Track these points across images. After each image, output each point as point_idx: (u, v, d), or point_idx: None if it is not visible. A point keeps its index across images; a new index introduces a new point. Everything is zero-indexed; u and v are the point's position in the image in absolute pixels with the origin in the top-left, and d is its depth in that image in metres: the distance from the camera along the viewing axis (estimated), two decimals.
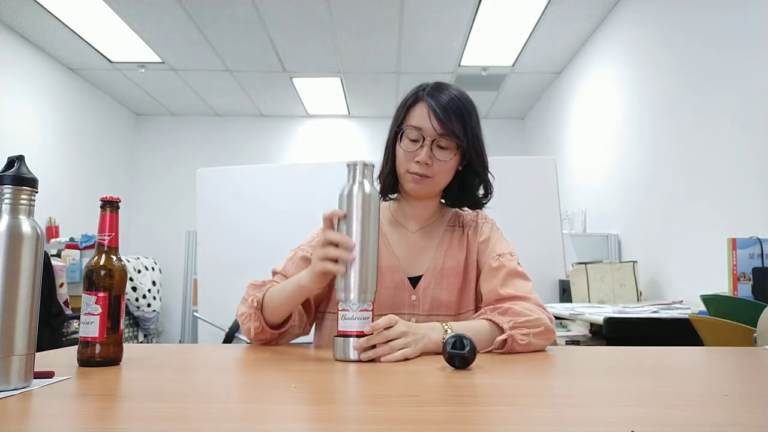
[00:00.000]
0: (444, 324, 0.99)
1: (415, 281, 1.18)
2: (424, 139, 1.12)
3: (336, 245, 0.93)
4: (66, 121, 4.96)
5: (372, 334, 0.90)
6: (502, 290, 1.11)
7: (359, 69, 4.86)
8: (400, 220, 1.25)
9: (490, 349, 0.99)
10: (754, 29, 2.26)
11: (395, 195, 1.25)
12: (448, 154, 1.13)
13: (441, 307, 1.16)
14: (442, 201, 1.27)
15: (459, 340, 0.82)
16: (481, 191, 1.23)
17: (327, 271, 0.94)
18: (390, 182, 1.21)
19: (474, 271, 1.20)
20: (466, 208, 1.27)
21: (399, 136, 1.16)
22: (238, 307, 1.11)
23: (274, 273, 1.19)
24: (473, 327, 1.01)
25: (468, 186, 1.21)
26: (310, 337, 1.24)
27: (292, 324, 1.10)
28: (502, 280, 1.12)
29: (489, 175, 1.21)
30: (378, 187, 0.96)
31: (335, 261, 0.93)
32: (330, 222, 0.95)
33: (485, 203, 1.24)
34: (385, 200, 1.27)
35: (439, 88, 1.15)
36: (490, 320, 1.03)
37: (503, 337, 0.98)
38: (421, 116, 1.13)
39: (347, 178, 0.95)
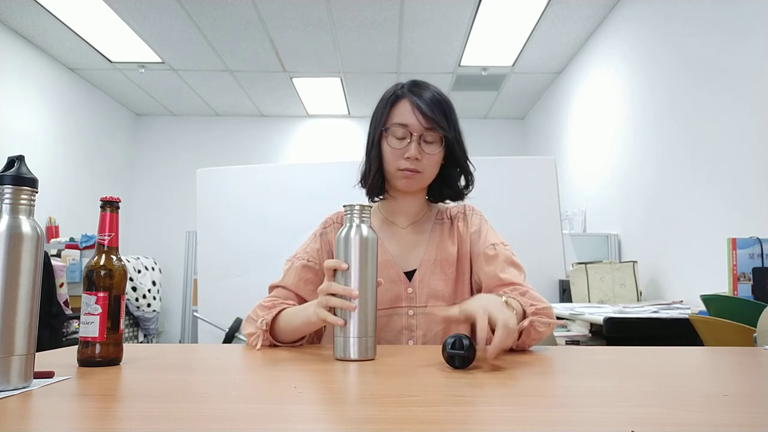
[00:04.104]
0: (503, 295, 0.97)
1: (410, 275, 1.19)
2: (411, 135, 1.13)
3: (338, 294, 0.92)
4: (66, 121, 4.96)
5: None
6: (503, 275, 1.12)
7: (359, 69, 4.86)
8: (390, 218, 1.26)
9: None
10: (755, 31, 2.26)
11: (382, 196, 1.26)
12: (435, 148, 1.15)
13: (437, 298, 1.17)
14: (428, 198, 1.28)
15: (458, 341, 0.82)
16: (462, 182, 1.25)
17: (327, 321, 0.93)
18: (377, 183, 1.21)
19: (467, 261, 1.21)
20: (448, 202, 1.28)
21: (385, 135, 1.17)
22: (244, 326, 1.12)
23: (273, 287, 1.18)
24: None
25: (450, 178, 1.23)
26: None
27: (302, 341, 1.10)
28: (501, 266, 1.14)
29: (470, 165, 1.23)
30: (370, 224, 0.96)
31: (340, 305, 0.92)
32: (331, 272, 0.94)
33: (467, 193, 1.26)
34: (372, 201, 1.27)
35: (417, 84, 1.18)
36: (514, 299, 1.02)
37: (526, 323, 0.97)
38: (405, 113, 1.15)
39: (345, 220, 0.95)
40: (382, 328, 1.15)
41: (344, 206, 0.96)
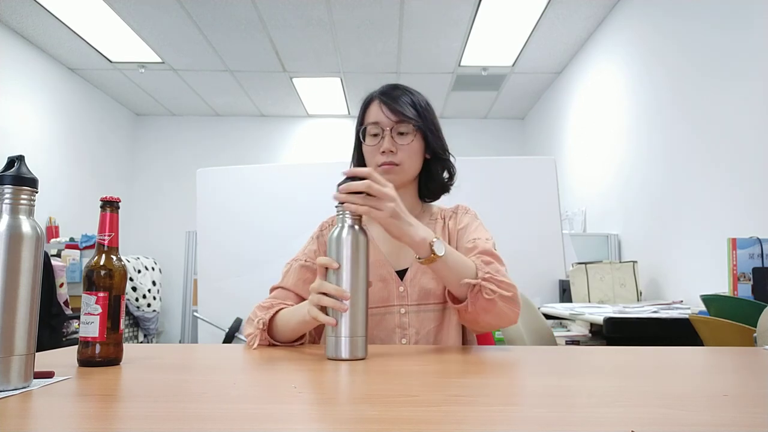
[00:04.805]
0: (436, 237, 1.00)
1: (401, 274, 1.20)
2: (383, 131, 1.18)
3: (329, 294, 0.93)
4: (66, 121, 4.96)
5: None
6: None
7: (359, 69, 4.86)
8: None
9: (455, 292, 1.02)
10: (756, 32, 2.26)
11: None
12: (409, 138, 1.19)
13: (429, 296, 1.17)
14: (425, 200, 1.30)
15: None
16: (446, 174, 1.27)
17: (318, 320, 0.94)
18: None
19: None
20: (443, 200, 1.30)
21: (362, 135, 1.22)
22: (245, 327, 1.14)
23: (273, 289, 1.20)
24: (461, 257, 1.04)
25: (433, 173, 1.26)
26: None
27: (302, 340, 1.11)
28: (476, 256, 1.14)
29: (450, 156, 1.27)
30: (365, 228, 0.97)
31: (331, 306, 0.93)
32: (323, 269, 0.95)
33: (451, 185, 1.29)
34: None
35: (390, 87, 1.24)
36: (474, 262, 1.06)
37: (473, 281, 1.00)
38: (376, 111, 1.21)
39: (336, 220, 0.96)
40: (375, 327, 1.15)
41: (336, 207, 0.96)
